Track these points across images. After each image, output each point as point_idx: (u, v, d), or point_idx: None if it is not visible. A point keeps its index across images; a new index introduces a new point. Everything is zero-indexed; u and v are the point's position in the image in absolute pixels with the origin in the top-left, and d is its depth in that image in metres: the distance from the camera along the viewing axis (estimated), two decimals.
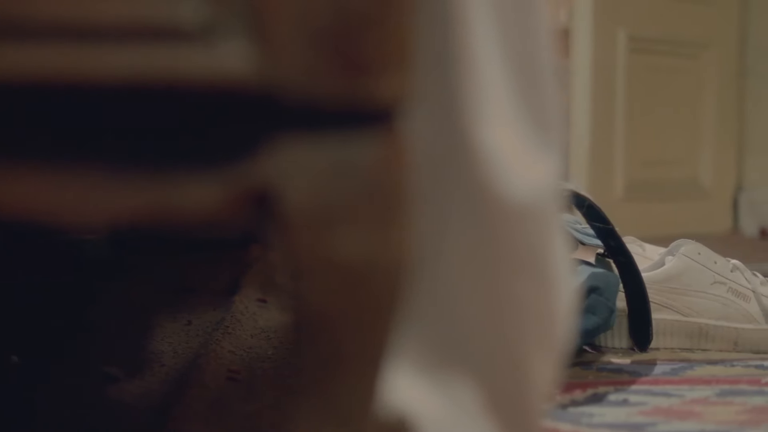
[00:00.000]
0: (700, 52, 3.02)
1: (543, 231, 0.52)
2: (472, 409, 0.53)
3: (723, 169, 3.07)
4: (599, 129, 2.81)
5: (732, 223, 3.08)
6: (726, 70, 3.05)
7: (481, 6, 0.50)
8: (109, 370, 1.21)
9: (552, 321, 0.53)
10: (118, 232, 1.57)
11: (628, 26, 2.84)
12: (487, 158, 0.50)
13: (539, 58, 0.52)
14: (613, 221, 3.01)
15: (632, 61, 2.85)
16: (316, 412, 0.48)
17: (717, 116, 3.05)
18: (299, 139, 0.46)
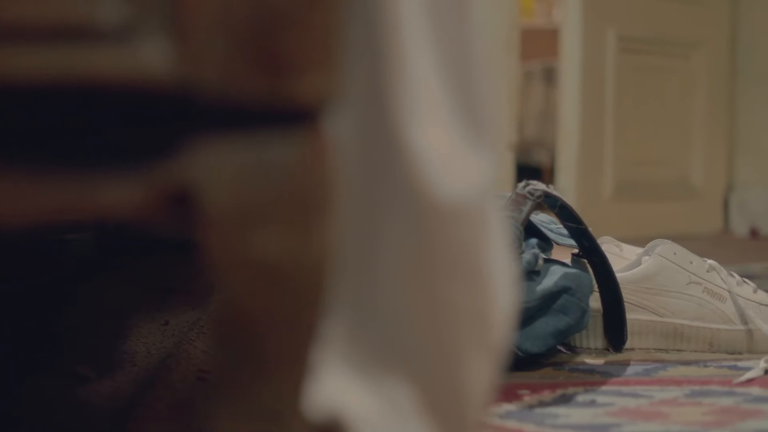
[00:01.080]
0: (691, 52, 3.02)
1: (477, 232, 0.52)
2: (406, 410, 0.53)
3: (713, 169, 3.06)
4: (588, 129, 2.80)
5: (722, 223, 3.07)
6: (716, 70, 3.05)
7: (413, 7, 0.50)
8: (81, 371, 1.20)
9: (488, 323, 0.53)
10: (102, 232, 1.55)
11: (618, 26, 2.83)
12: (419, 158, 0.50)
13: (473, 59, 0.52)
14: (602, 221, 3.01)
15: (622, 61, 2.85)
16: (240, 411, 0.48)
17: (707, 116, 3.05)
18: (219, 138, 0.46)
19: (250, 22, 0.45)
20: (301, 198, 0.46)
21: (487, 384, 0.54)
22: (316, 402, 0.54)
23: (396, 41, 0.50)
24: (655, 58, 2.95)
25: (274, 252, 0.45)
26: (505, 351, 0.55)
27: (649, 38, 2.92)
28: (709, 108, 3.04)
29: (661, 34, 2.95)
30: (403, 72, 0.50)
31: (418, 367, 0.53)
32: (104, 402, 1.04)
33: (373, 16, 0.49)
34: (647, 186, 2.95)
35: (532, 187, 1.18)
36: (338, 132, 0.50)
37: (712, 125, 3.05)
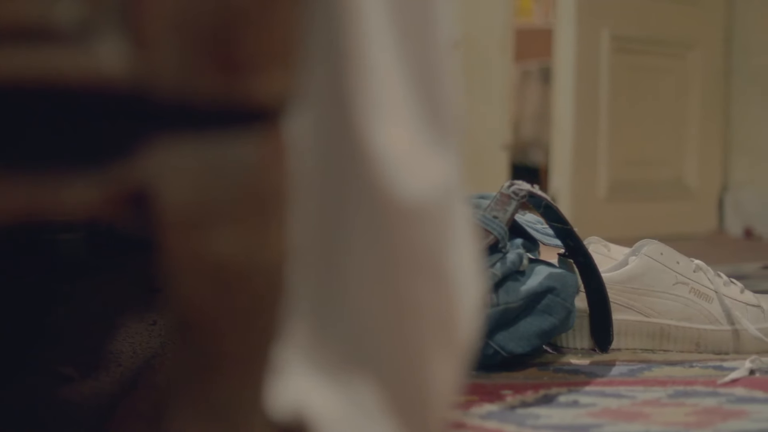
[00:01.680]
0: (685, 51, 3.02)
1: (440, 232, 0.51)
2: (372, 410, 0.53)
3: (708, 169, 3.06)
4: (582, 129, 2.80)
5: (717, 223, 3.07)
6: (711, 70, 3.04)
7: (375, 7, 0.50)
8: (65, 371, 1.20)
9: (452, 323, 0.53)
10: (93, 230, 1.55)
11: (612, 26, 2.83)
12: (380, 158, 0.49)
13: (436, 59, 0.52)
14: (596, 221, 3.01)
15: (616, 60, 2.84)
16: (200, 411, 0.48)
17: (702, 116, 3.04)
18: (176, 138, 0.45)
19: (207, 22, 0.44)
20: (258, 198, 0.46)
21: (452, 384, 0.54)
22: (280, 402, 0.53)
23: (358, 41, 0.49)
24: (650, 58, 2.95)
25: (230, 252, 0.45)
26: (470, 351, 0.55)
27: (643, 38, 2.92)
28: (704, 108, 3.04)
29: (656, 33, 2.95)
30: (364, 72, 0.49)
31: (382, 368, 0.53)
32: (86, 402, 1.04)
33: (334, 16, 0.49)
34: (641, 186, 2.95)
35: (517, 187, 1.18)
36: (299, 132, 0.50)
37: (707, 125, 3.05)
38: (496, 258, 1.15)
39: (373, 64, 0.50)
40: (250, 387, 0.49)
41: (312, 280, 0.53)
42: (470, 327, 0.54)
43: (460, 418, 0.95)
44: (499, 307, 1.12)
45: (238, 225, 0.45)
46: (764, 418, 0.96)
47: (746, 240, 2.89)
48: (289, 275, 0.50)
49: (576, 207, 2.79)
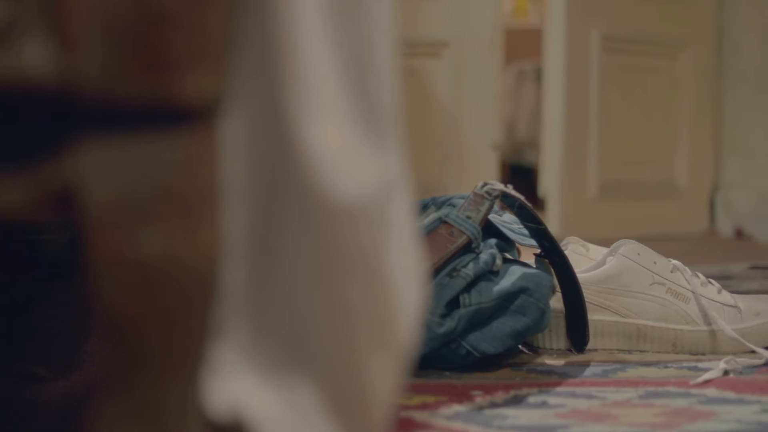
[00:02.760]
0: (676, 51, 3.01)
1: (376, 232, 0.51)
2: (310, 410, 0.53)
3: (699, 169, 3.06)
4: (572, 129, 2.80)
5: (708, 223, 3.07)
6: (702, 70, 3.04)
7: (310, 8, 0.50)
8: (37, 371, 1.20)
9: (391, 325, 0.53)
10: None
11: (602, 26, 2.83)
12: (314, 157, 0.49)
13: (373, 59, 0.51)
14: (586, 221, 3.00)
15: (606, 60, 2.84)
16: (129, 412, 0.48)
17: (693, 116, 3.04)
18: (102, 138, 0.45)
19: (132, 23, 0.44)
20: (184, 198, 0.46)
21: (391, 385, 0.54)
22: (219, 402, 0.53)
23: (292, 41, 0.49)
24: (640, 58, 2.94)
25: (155, 251, 0.45)
26: (410, 352, 0.55)
27: (633, 38, 2.91)
28: (695, 108, 3.04)
29: (646, 33, 2.94)
30: (299, 72, 0.49)
31: (321, 368, 0.53)
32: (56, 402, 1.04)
33: (267, 16, 0.49)
34: (632, 186, 2.94)
35: (490, 187, 1.18)
36: (233, 131, 0.50)
37: (698, 125, 3.04)
38: (468, 258, 1.14)
39: (308, 64, 0.49)
40: (182, 387, 0.49)
41: (251, 280, 0.53)
42: (409, 328, 0.54)
43: (426, 418, 0.95)
44: (472, 308, 1.12)
45: (164, 224, 0.45)
46: (733, 419, 0.96)
47: (737, 240, 2.88)
48: (223, 274, 0.50)
49: (566, 207, 2.79)
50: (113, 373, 0.47)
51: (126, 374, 0.47)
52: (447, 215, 1.17)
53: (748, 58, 2.95)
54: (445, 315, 1.12)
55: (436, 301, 1.11)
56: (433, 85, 2.90)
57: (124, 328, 0.46)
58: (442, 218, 1.17)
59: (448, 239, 1.15)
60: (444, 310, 1.12)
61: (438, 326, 1.11)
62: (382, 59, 0.52)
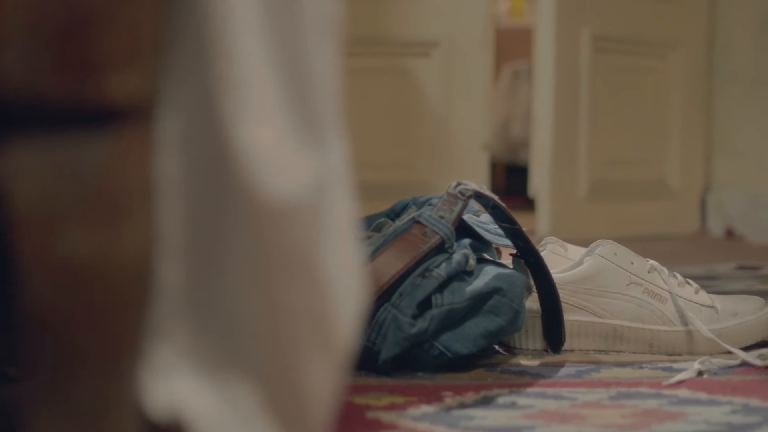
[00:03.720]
0: (667, 51, 3.01)
1: (311, 231, 0.51)
2: (248, 410, 0.53)
3: (690, 170, 3.05)
4: (563, 129, 2.79)
5: (700, 223, 3.06)
6: (694, 70, 3.03)
7: (246, 10, 0.49)
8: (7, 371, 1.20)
9: (328, 325, 0.52)
10: None
11: (592, 26, 2.82)
12: (248, 157, 0.49)
13: (309, 60, 0.51)
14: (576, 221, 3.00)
15: (596, 60, 2.83)
16: (58, 411, 0.47)
17: (684, 116, 3.03)
18: (29, 139, 0.45)
19: (56, 23, 0.44)
20: (111, 197, 0.45)
21: (330, 385, 0.54)
22: (158, 401, 0.53)
23: (227, 42, 0.49)
24: (631, 58, 2.94)
25: (83, 250, 0.45)
26: (350, 352, 0.54)
27: (624, 38, 2.91)
28: (686, 108, 3.03)
29: (637, 33, 2.94)
30: (233, 72, 0.49)
31: (258, 368, 0.52)
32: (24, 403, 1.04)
33: (202, 17, 0.48)
34: (622, 186, 2.94)
35: (463, 187, 1.17)
36: (167, 131, 0.49)
37: (689, 125, 3.04)
38: (441, 258, 1.14)
39: (242, 64, 0.49)
40: (115, 386, 0.49)
41: (189, 280, 0.53)
42: (349, 329, 0.53)
43: (393, 419, 0.94)
44: (444, 308, 1.12)
45: (91, 224, 0.45)
46: (701, 420, 0.95)
47: (727, 240, 2.88)
48: (158, 273, 0.49)
49: (556, 207, 2.79)
50: (44, 372, 0.47)
51: (57, 373, 0.46)
52: (420, 215, 1.17)
53: (739, 58, 2.95)
54: (417, 315, 1.11)
55: (408, 301, 1.11)
56: (424, 85, 2.90)
57: (52, 327, 0.45)
58: (415, 218, 1.16)
59: (421, 239, 1.14)
60: (416, 310, 1.11)
61: (410, 326, 1.10)
62: (319, 59, 0.51)
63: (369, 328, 1.12)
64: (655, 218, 2.98)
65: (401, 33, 2.89)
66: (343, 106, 0.53)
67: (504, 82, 5.26)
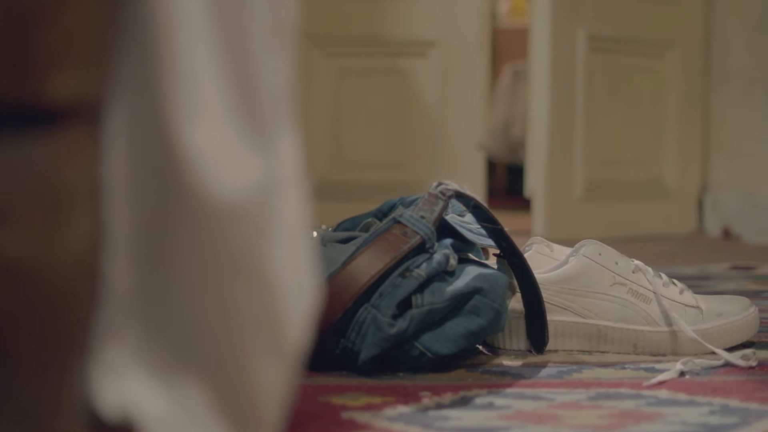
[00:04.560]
0: (664, 51, 3.00)
1: (258, 232, 0.51)
2: (199, 410, 0.52)
3: (687, 170, 3.04)
4: (558, 129, 2.79)
5: (697, 223, 3.05)
6: (690, 70, 3.03)
7: (192, 9, 0.49)
8: None
9: (277, 326, 0.52)
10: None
11: (588, 25, 2.82)
12: (194, 157, 0.49)
13: (258, 60, 0.51)
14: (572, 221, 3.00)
15: (592, 60, 2.83)
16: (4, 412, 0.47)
17: (681, 116, 3.03)
18: None
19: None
20: (52, 197, 0.45)
21: (280, 386, 0.53)
22: (109, 402, 0.53)
23: (173, 42, 0.49)
24: (627, 58, 2.93)
25: (22, 251, 0.45)
26: (302, 354, 0.54)
27: (620, 38, 2.90)
28: (683, 108, 3.02)
29: (633, 33, 2.93)
30: (179, 72, 0.49)
31: (208, 368, 0.52)
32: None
33: (148, 18, 0.48)
34: (619, 186, 2.93)
35: (444, 187, 1.17)
36: (112, 131, 0.49)
37: (686, 125, 3.03)
38: (422, 258, 1.14)
39: (188, 64, 0.49)
40: (58, 386, 0.48)
41: (139, 280, 0.52)
42: (299, 330, 0.53)
43: (368, 419, 0.94)
44: (424, 308, 1.11)
45: (30, 224, 0.45)
46: (679, 421, 0.95)
47: (724, 241, 2.87)
48: (106, 274, 0.49)
49: (552, 207, 2.78)
50: None
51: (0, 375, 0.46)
52: (401, 215, 1.16)
53: (735, 58, 2.94)
54: (397, 315, 1.11)
55: (388, 301, 1.11)
56: (420, 85, 2.89)
57: None
58: (396, 218, 1.16)
59: (402, 239, 1.14)
60: (396, 310, 1.11)
61: (389, 327, 1.10)
62: (267, 59, 0.51)
63: (349, 329, 1.12)
64: (652, 218, 2.97)
65: (397, 33, 2.89)
66: (296, 106, 0.53)
67: (505, 82, 5.26)
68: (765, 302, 1.69)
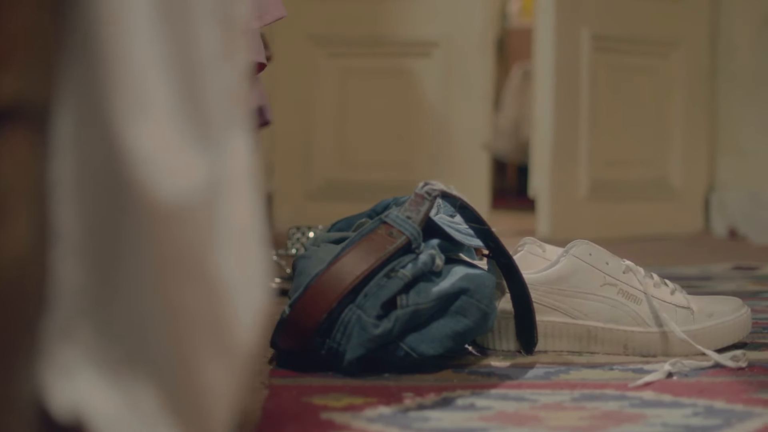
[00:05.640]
0: (669, 50, 2.99)
1: (203, 233, 0.50)
2: (149, 411, 0.52)
3: (693, 170, 3.03)
4: (562, 129, 2.78)
5: (703, 223, 3.04)
6: (696, 69, 3.01)
7: (139, 12, 0.49)
8: None
9: (225, 327, 0.52)
10: None
11: (592, 25, 2.81)
12: (139, 158, 0.49)
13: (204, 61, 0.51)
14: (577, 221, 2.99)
15: (597, 60, 2.82)
16: None
17: (687, 116, 3.01)
18: None
19: None
20: None
21: (229, 387, 0.53)
22: (60, 401, 0.53)
23: (118, 44, 0.49)
24: (632, 57, 2.92)
25: None
26: (251, 355, 0.54)
27: (625, 37, 2.89)
28: (689, 107, 3.01)
29: (638, 32, 2.92)
30: (124, 73, 0.48)
31: (158, 370, 0.52)
32: None
33: (93, 19, 0.48)
34: (624, 186, 2.92)
35: (430, 187, 1.16)
36: (58, 132, 0.49)
37: (692, 125, 3.02)
38: (408, 259, 1.13)
39: (133, 64, 0.49)
40: (3, 387, 0.48)
41: (90, 281, 0.52)
42: (248, 331, 0.53)
43: (347, 420, 0.94)
44: (409, 308, 1.11)
45: None
46: (659, 423, 0.94)
47: (730, 241, 2.85)
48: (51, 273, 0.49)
49: (556, 207, 2.77)
50: None
51: None
52: (387, 215, 1.16)
53: (742, 58, 2.92)
54: (382, 316, 1.11)
55: (373, 301, 1.10)
56: (424, 85, 2.89)
57: None
58: (382, 219, 1.16)
59: (387, 240, 1.14)
60: (380, 311, 1.11)
61: (374, 327, 1.10)
62: (215, 60, 0.51)
63: (335, 329, 1.11)
64: (658, 218, 2.96)
65: (401, 33, 2.88)
66: (247, 107, 0.53)
67: (514, 82, 5.25)
68: (764, 302, 1.68)
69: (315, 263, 1.17)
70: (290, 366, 1.15)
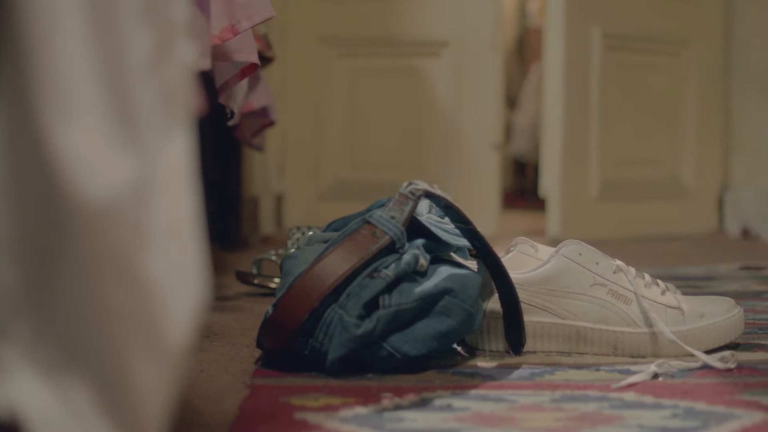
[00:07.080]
0: (681, 49, 2.97)
1: (133, 232, 0.50)
2: (83, 410, 0.52)
3: (707, 169, 3.01)
4: (573, 128, 2.77)
5: (717, 223, 3.02)
6: (709, 68, 2.99)
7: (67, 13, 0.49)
8: None
9: (157, 328, 0.52)
10: None
11: (603, 24, 2.79)
12: (66, 159, 0.49)
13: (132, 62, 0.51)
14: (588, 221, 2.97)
15: (608, 58, 2.80)
16: None
17: (700, 115, 2.99)
18: None
19: None
20: None
21: (163, 387, 0.53)
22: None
23: (46, 46, 0.49)
24: (644, 56, 2.90)
25: None
26: (184, 356, 0.54)
27: (636, 36, 2.87)
28: (701, 106, 2.99)
29: (650, 31, 2.90)
30: (52, 75, 0.49)
31: (92, 369, 0.52)
32: None
33: (21, 22, 0.48)
34: (635, 186, 2.90)
35: (414, 187, 1.16)
36: None
37: (705, 124, 2.99)
38: (391, 259, 1.13)
39: (62, 67, 0.49)
40: None
41: (27, 281, 0.53)
42: (182, 331, 0.53)
43: (320, 421, 0.94)
44: (391, 309, 1.11)
45: None
46: (636, 424, 0.93)
47: (743, 240, 2.83)
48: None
49: (567, 207, 2.76)
50: None
51: None
52: (371, 215, 1.16)
53: (755, 57, 2.90)
54: (364, 316, 1.11)
55: (355, 302, 1.10)
56: (433, 84, 2.88)
57: None
58: (366, 218, 1.16)
59: (371, 240, 1.14)
60: (363, 311, 1.10)
61: (355, 327, 1.10)
62: (147, 62, 0.51)
63: (317, 329, 1.11)
64: (671, 218, 2.94)
65: (411, 33, 2.88)
66: (186, 106, 0.53)
67: (533, 81, 5.23)
68: (766, 303, 1.66)
69: (300, 263, 1.17)
70: (275, 366, 1.15)
